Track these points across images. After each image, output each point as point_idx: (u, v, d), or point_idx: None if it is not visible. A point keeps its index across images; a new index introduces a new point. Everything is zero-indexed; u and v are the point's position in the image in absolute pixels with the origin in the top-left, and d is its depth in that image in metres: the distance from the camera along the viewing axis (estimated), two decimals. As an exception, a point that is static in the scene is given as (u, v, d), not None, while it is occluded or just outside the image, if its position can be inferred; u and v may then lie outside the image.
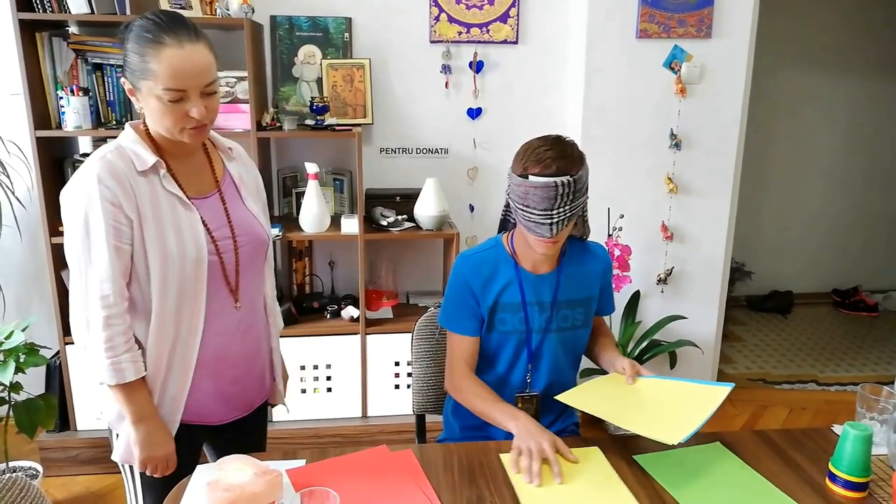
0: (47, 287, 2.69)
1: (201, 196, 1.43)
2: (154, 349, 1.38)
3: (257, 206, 1.54)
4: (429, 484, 1.34)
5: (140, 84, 1.30)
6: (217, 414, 1.51)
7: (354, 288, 3.03)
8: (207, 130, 1.39)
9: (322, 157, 2.98)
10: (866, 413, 1.49)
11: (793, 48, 4.43)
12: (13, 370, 2.29)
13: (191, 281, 1.37)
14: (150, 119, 1.35)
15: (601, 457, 1.44)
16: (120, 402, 1.38)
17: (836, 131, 4.65)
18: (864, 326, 4.45)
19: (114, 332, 1.32)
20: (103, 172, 1.30)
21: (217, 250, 1.41)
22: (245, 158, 1.59)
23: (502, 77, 3.07)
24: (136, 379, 1.35)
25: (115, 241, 1.30)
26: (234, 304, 1.46)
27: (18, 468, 2.59)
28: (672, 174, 3.07)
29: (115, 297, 1.32)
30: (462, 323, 1.64)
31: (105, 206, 1.29)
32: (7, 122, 2.76)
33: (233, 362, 1.49)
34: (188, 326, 1.40)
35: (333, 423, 2.84)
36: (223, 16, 2.57)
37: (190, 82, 1.29)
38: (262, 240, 1.52)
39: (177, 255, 1.35)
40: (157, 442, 1.40)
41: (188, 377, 1.43)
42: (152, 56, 1.26)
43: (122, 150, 1.35)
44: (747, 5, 2.93)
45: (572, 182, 1.45)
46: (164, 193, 1.36)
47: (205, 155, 1.48)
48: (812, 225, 4.80)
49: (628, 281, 2.96)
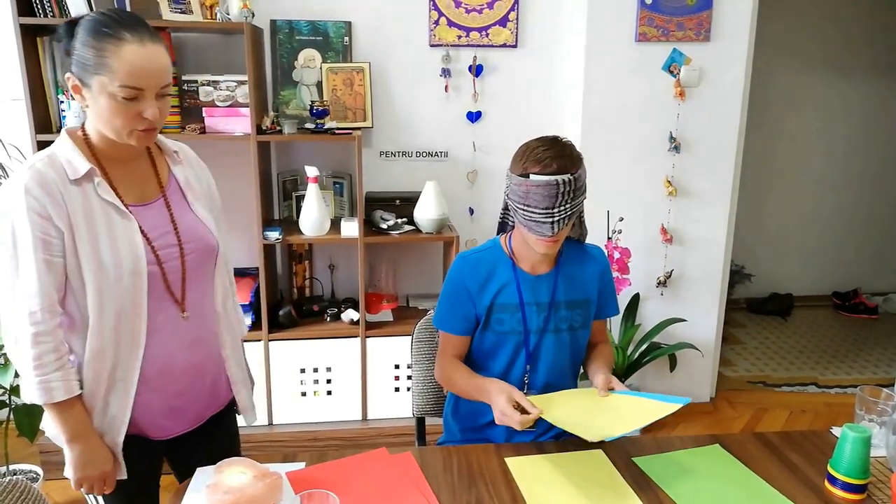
0: (48, 290, 2.69)
1: (143, 202, 1.37)
2: (92, 365, 1.32)
3: (207, 211, 1.48)
4: (428, 486, 1.34)
5: (91, 80, 1.24)
6: (164, 428, 1.44)
7: (354, 291, 3.03)
8: (156, 134, 1.33)
9: (322, 161, 2.99)
10: (865, 415, 1.49)
11: (791, 52, 4.44)
12: (13, 374, 2.29)
13: (129, 293, 1.30)
14: (98, 119, 1.29)
15: (605, 459, 1.45)
16: (53, 421, 1.32)
17: (835, 134, 4.66)
18: (864, 329, 4.45)
19: (42, 350, 1.25)
20: (31, 183, 1.24)
21: (158, 260, 1.34)
22: (194, 161, 1.52)
23: (502, 80, 3.08)
24: (68, 398, 1.29)
25: (44, 255, 1.24)
26: (180, 314, 1.39)
27: (19, 471, 2.59)
28: (671, 177, 3.08)
29: (44, 314, 1.25)
30: (454, 323, 1.65)
31: (32, 217, 1.23)
32: (8, 126, 2.77)
33: (178, 375, 1.42)
34: (129, 341, 1.33)
35: (333, 426, 2.84)
36: (223, 20, 2.58)
37: (149, 81, 1.24)
38: (211, 246, 1.45)
39: (112, 266, 1.28)
40: (92, 461, 1.34)
41: (130, 394, 1.35)
42: (111, 52, 1.21)
43: (54, 158, 1.29)
44: (746, 9, 2.94)
45: (573, 180, 1.46)
46: (98, 202, 1.29)
47: (149, 159, 1.42)
48: (812, 227, 4.80)
49: (628, 284, 2.96)
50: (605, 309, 1.76)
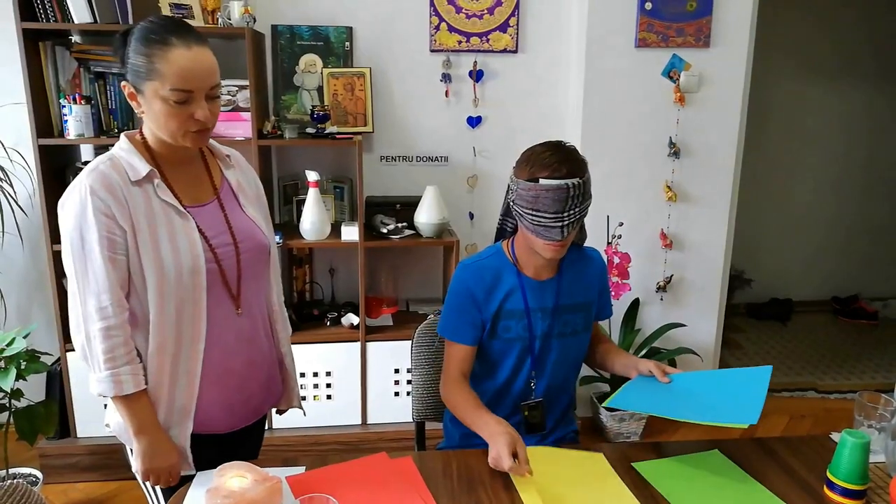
0: (48, 294, 2.70)
1: (199, 204, 1.43)
2: (155, 360, 1.38)
3: (257, 212, 1.54)
4: (428, 491, 1.34)
5: (144, 86, 1.30)
6: (225, 423, 1.51)
7: (354, 295, 3.04)
8: (209, 135, 1.39)
9: (323, 165, 2.99)
10: (864, 421, 1.50)
11: (791, 57, 4.45)
12: (14, 377, 2.29)
13: (189, 290, 1.36)
14: (153, 123, 1.35)
15: (605, 463, 1.45)
16: (121, 414, 1.37)
17: (835, 139, 4.67)
18: (864, 334, 4.45)
19: (114, 344, 1.32)
20: (96, 184, 1.30)
21: (216, 258, 1.40)
22: (244, 165, 1.59)
23: (502, 86, 3.09)
24: (136, 391, 1.35)
25: (109, 253, 1.30)
26: (235, 311, 1.45)
27: (18, 475, 2.59)
28: (671, 182, 3.08)
29: (114, 308, 1.31)
30: (461, 332, 1.64)
31: (99, 217, 1.29)
32: (10, 130, 2.78)
33: (237, 370, 1.48)
34: (190, 336, 1.39)
35: (333, 430, 2.84)
36: (225, 25, 2.59)
37: (197, 83, 1.30)
38: (264, 245, 1.51)
39: (172, 264, 1.34)
40: (159, 453, 1.39)
41: (195, 387, 1.42)
42: (160, 57, 1.27)
43: (115, 161, 1.35)
44: (745, 15, 2.95)
45: (582, 184, 1.48)
46: (158, 203, 1.36)
47: (202, 163, 1.48)
48: (812, 232, 4.81)
49: (628, 289, 2.96)
50: (603, 310, 1.77)
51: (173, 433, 1.42)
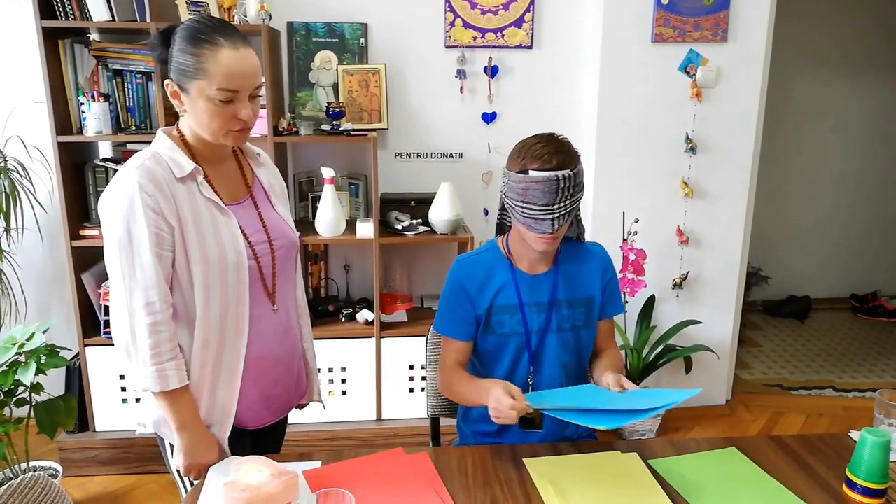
0: (67, 289, 2.73)
1: (235, 201, 1.45)
2: (199, 356, 1.38)
3: (285, 209, 1.57)
4: (443, 486, 1.34)
5: (190, 85, 1.31)
6: (262, 417, 1.52)
7: (369, 291, 3.04)
8: (248, 134, 1.41)
9: (338, 162, 3.00)
10: (885, 419, 1.48)
11: (808, 53, 4.40)
12: (34, 371, 2.32)
13: (233, 286, 1.38)
14: (195, 121, 1.36)
15: (640, 463, 1.43)
16: (164, 410, 1.37)
17: (853, 135, 4.61)
18: (883, 332, 4.39)
19: (160, 339, 1.32)
20: (144, 179, 1.30)
21: (255, 255, 1.42)
22: (271, 164, 1.62)
23: (517, 82, 3.08)
24: (180, 387, 1.35)
25: (157, 249, 1.31)
26: (271, 307, 1.47)
27: (38, 468, 2.63)
28: (687, 178, 3.06)
29: (161, 304, 1.31)
30: (455, 327, 1.64)
31: (147, 213, 1.29)
32: (30, 127, 2.81)
33: (273, 365, 1.50)
34: (234, 332, 1.40)
35: (348, 426, 2.85)
36: (241, 22, 2.61)
37: (243, 83, 1.31)
38: (295, 242, 1.55)
39: (217, 260, 1.35)
40: (201, 448, 1.40)
41: (237, 383, 1.43)
42: (209, 57, 1.28)
43: (159, 157, 1.35)
44: (763, 9, 2.92)
45: (572, 176, 1.46)
46: (202, 200, 1.37)
47: (235, 161, 1.51)
48: (829, 229, 4.75)
49: (643, 285, 2.95)
50: (609, 307, 1.72)
51: (214, 430, 1.43)
